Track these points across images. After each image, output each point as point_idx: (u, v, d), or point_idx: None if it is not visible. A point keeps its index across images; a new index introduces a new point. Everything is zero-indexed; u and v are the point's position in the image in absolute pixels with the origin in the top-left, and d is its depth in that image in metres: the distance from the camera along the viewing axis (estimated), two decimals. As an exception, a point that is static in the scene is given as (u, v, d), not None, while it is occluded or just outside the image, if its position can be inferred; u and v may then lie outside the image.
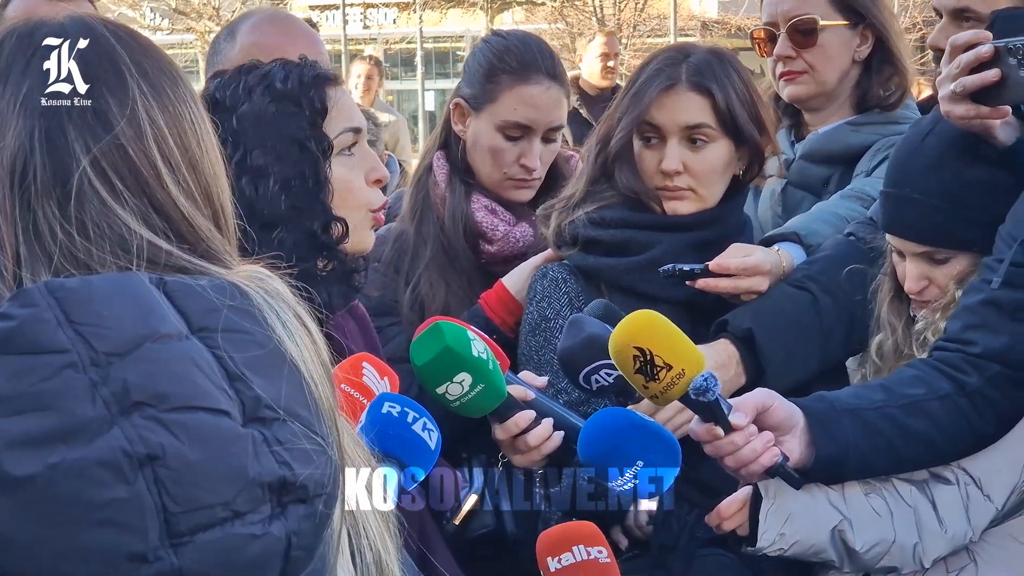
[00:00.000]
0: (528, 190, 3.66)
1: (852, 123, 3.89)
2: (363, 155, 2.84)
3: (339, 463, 1.36)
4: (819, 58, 3.86)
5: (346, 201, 2.78)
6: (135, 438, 1.21)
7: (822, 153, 3.84)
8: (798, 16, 3.85)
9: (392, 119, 11.82)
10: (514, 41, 3.69)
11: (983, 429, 2.86)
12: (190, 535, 1.21)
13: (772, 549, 2.82)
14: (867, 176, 3.71)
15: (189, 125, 1.48)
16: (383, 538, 1.54)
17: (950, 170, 2.99)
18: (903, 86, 3.93)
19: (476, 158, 3.67)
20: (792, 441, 2.73)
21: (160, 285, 1.33)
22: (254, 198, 2.65)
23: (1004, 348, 2.83)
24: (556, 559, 2.43)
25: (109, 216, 1.38)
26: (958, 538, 2.90)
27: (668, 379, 2.49)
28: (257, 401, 1.28)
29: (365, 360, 2.48)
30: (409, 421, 2.21)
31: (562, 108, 3.66)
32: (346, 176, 2.78)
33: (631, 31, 35.20)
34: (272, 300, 1.39)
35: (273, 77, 2.75)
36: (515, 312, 3.40)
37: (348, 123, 2.79)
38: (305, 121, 2.73)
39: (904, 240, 3.06)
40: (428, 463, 2.24)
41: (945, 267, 3.02)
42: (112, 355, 1.24)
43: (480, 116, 3.64)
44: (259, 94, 2.74)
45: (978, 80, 2.83)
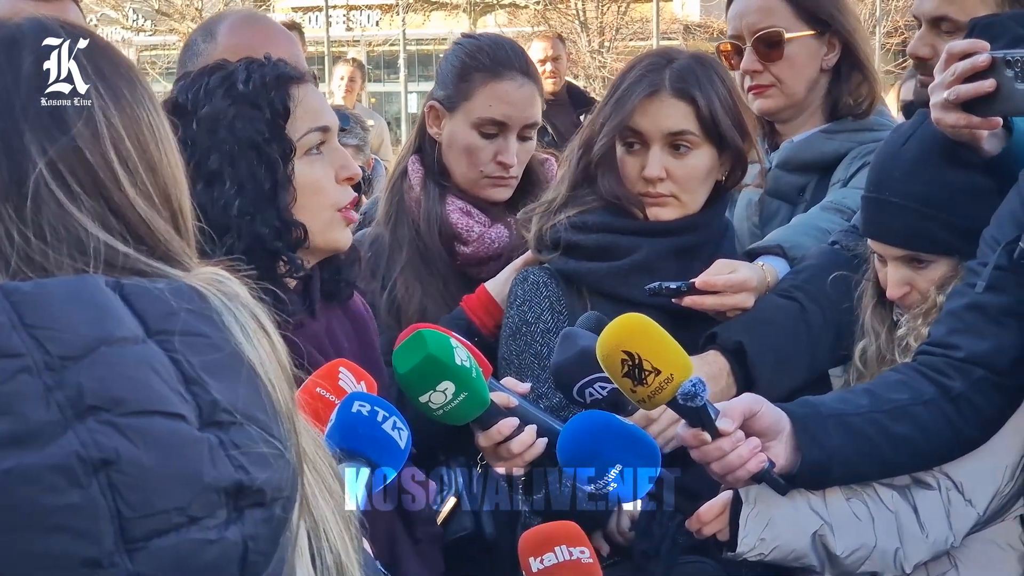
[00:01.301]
0: (505, 188, 3.67)
1: (826, 131, 3.87)
2: (333, 153, 2.82)
3: (297, 466, 1.35)
4: (786, 70, 3.84)
5: (314, 201, 2.76)
6: (89, 443, 1.19)
7: (797, 162, 3.82)
8: (763, 29, 3.82)
9: (373, 123, 11.82)
10: (485, 41, 3.74)
11: (968, 434, 2.86)
12: (145, 540, 1.20)
13: (752, 554, 2.82)
14: (844, 185, 3.70)
15: (147, 127, 1.47)
16: (343, 540, 1.53)
17: (930, 175, 2.98)
18: (872, 93, 3.92)
19: (452, 158, 3.68)
20: (778, 447, 2.72)
21: (117, 288, 1.32)
22: (208, 203, 2.63)
23: (988, 352, 2.82)
24: (539, 559, 2.42)
25: (66, 218, 1.37)
26: (939, 543, 2.90)
27: (656, 384, 2.47)
28: (214, 405, 1.27)
29: (342, 365, 2.46)
30: (379, 420, 2.19)
31: (536, 105, 3.67)
32: (313, 176, 2.77)
33: (614, 34, 35.31)
34: (230, 303, 1.39)
35: (235, 78, 2.74)
36: (497, 316, 3.40)
37: (314, 123, 2.78)
38: (263, 124, 2.71)
39: (885, 245, 3.05)
40: (398, 462, 2.22)
41: (926, 272, 3.02)
42: (67, 359, 1.23)
43: (455, 116, 3.66)
44: (219, 96, 2.73)
45: (973, 90, 2.81)
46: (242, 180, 2.68)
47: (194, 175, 2.58)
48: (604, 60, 33.52)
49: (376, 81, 39.52)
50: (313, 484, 1.48)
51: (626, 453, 2.54)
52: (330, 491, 1.53)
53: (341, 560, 1.51)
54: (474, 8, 37.68)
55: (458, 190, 3.68)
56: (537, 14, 36.60)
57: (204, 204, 2.60)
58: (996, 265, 2.80)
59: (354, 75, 11.77)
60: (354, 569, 1.54)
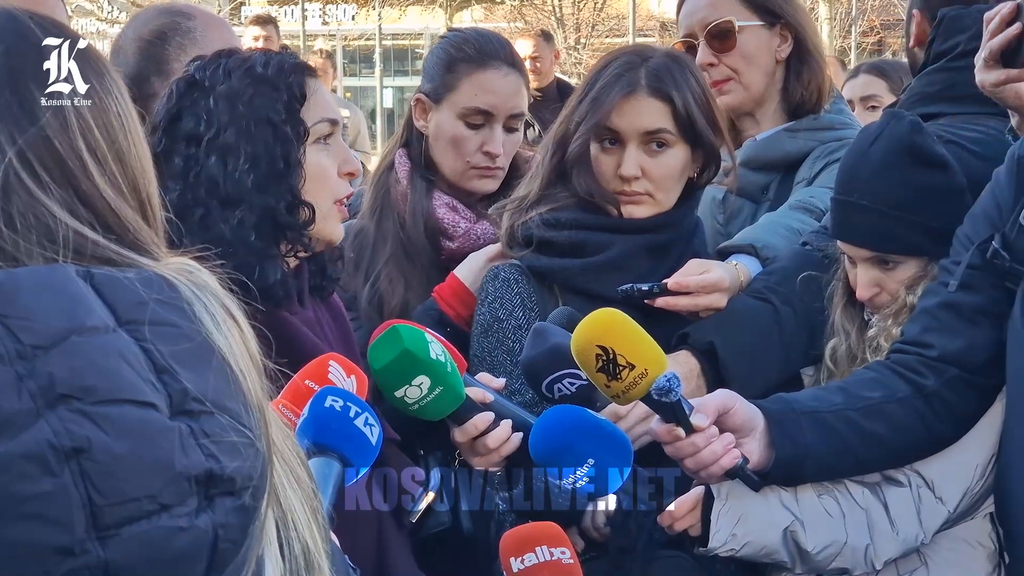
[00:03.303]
0: (492, 180, 3.67)
1: (789, 130, 3.89)
2: (338, 147, 2.85)
3: (267, 455, 1.35)
4: (740, 61, 3.86)
5: (319, 188, 2.78)
6: (61, 431, 1.19)
7: (760, 160, 3.83)
8: (713, 22, 3.85)
9: (349, 114, 11.77)
10: (471, 33, 3.76)
11: (940, 431, 2.87)
12: (116, 528, 1.20)
13: (724, 550, 2.83)
14: (808, 184, 3.72)
15: (115, 117, 1.46)
16: (311, 530, 1.53)
17: (896, 176, 2.99)
18: (819, 83, 3.93)
19: (438, 150, 3.68)
20: (752, 443, 2.73)
21: (87, 278, 1.31)
22: (222, 175, 2.67)
23: (961, 351, 2.84)
24: (519, 559, 2.42)
25: (36, 207, 1.36)
26: (909, 540, 2.91)
27: (630, 379, 2.47)
28: (184, 394, 1.27)
29: (332, 359, 2.47)
30: (351, 416, 2.19)
31: (522, 95, 3.68)
32: (320, 164, 2.80)
33: (590, 31, 35.32)
34: (200, 293, 1.38)
35: (254, 62, 2.77)
36: (469, 304, 3.39)
37: (325, 114, 2.81)
38: (281, 104, 2.73)
39: (853, 247, 3.07)
40: (368, 459, 2.21)
41: (895, 272, 3.04)
42: (38, 348, 1.23)
43: (441, 107, 3.67)
44: (239, 76, 2.74)
45: (1001, 39, 2.82)
46: (258, 155, 2.68)
47: (207, 149, 2.65)
48: (580, 56, 33.54)
49: (352, 76, 39.44)
50: (282, 474, 1.48)
51: (599, 448, 2.54)
52: (298, 481, 1.53)
53: (309, 549, 1.51)
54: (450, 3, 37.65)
55: (445, 185, 3.69)
56: (513, 10, 36.61)
57: (216, 177, 2.65)
58: (969, 264, 2.82)
59: (325, 67, 11.69)
60: (322, 559, 1.54)
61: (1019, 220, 2.78)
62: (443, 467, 2.99)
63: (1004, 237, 2.79)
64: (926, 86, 3.47)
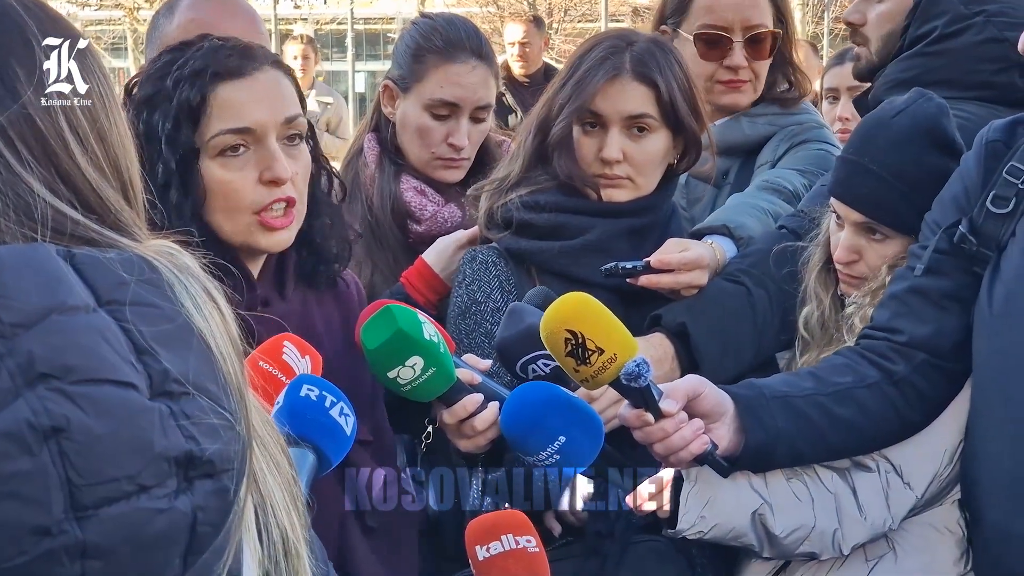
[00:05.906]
0: (457, 170, 3.69)
1: (749, 115, 3.93)
2: (259, 155, 2.68)
3: (247, 439, 1.34)
4: (763, 67, 3.91)
5: (227, 203, 2.67)
6: (40, 410, 1.18)
7: (721, 145, 3.82)
8: (756, 27, 3.86)
9: (332, 101, 11.65)
10: (440, 22, 3.74)
11: (910, 417, 2.88)
12: (95, 508, 1.19)
13: (692, 532, 2.83)
14: (772, 167, 3.74)
15: (97, 98, 1.46)
16: (290, 516, 1.52)
17: (912, 152, 3.01)
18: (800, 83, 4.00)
19: (405, 139, 3.70)
20: (721, 428, 2.73)
21: (68, 257, 1.30)
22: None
23: (929, 336, 2.85)
24: (484, 547, 2.41)
25: (16, 184, 1.35)
26: (877, 525, 2.92)
27: (600, 363, 2.47)
28: (165, 375, 1.26)
29: (287, 339, 2.45)
30: (327, 406, 2.17)
31: (489, 87, 3.69)
32: (224, 177, 2.67)
33: (562, 16, 35.20)
34: (181, 275, 1.37)
35: (174, 63, 2.67)
36: (437, 289, 3.40)
37: (230, 123, 2.65)
38: (170, 117, 2.64)
39: (849, 208, 3.07)
40: (343, 449, 2.20)
41: (879, 246, 3.05)
42: (18, 326, 1.22)
43: (408, 96, 3.68)
44: (152, 81, 2.69)
45: None
46: (149, 169, 2.56)
47: None
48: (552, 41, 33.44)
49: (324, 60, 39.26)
50: (261, 459, 1.47)
51: (570, 425, 2.55)
52: (278, 467, 1.52)
53: (288, 535, 1.51)
54: (423, -13, 37.50)
55: (413, 169, 3.71)
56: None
57: None
58: (936, 249, 2.83)
59: (307, 53, 11.46)
60: (300, 545, 1.53)
61: (987, 204, 2.79)
62: (408, 451, 3.00)
63: (971, 221, 2.81)
64: (902, 72, 3.48)
